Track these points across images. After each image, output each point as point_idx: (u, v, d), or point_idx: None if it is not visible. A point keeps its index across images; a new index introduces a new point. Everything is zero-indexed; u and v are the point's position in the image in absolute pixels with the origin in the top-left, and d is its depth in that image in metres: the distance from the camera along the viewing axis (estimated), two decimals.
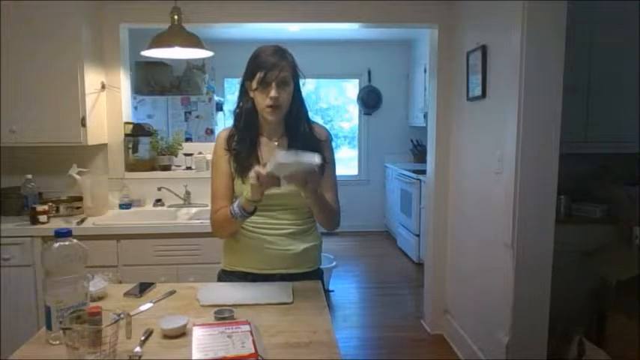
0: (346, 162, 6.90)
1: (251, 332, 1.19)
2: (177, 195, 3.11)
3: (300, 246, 1.64)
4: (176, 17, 2.72)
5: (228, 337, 1.17)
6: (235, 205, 1.51)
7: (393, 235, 6.09)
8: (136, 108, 4.89)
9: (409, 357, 3.09)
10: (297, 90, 1.62)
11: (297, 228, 1.65)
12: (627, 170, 3.02)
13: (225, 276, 1.70)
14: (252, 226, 1.63)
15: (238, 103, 1.65)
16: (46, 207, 2.67)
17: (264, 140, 1.66)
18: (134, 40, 3.31)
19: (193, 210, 2.99)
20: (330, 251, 4.46)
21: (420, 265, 4.73)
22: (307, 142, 1.60)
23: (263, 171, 1.37)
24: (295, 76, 1.59)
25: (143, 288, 1.58)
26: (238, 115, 1.65)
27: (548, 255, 2.30)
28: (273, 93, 1.52)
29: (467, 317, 3.00)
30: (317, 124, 1.72)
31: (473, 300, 2.89)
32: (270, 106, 1.54)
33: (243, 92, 1.62)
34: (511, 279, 2.32)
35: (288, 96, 1.57)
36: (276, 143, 1.64)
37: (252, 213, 1.50)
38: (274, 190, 1.48)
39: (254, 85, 1.55)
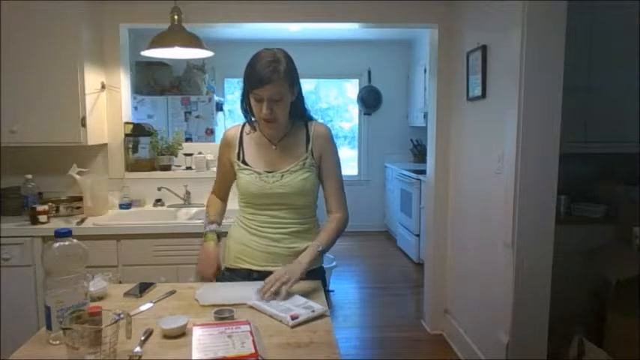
0: (346, 162, 6.89)
1: (251, 332, 1.19)
2: (177, 195, 3.11)
3: (303, 244, 1.65)
4: (176, 17, 2.72)
5: (228, 337, 1.17)
6: (207, 227, 1.75)
7: (393, 235, 6.09)
8: (136, 108, 4.89)
9: (409, 357, 3.09)
10: (298, 94, 1.62)
11: (300, 226, 1.67)
12: (627, 170, 3.02)
13: (229, 273, 1.71)
14: (256, 225, 1.65)
15: (242, 103, 1.65)
16: (46, 207, 2.67)
17: (264, 142, 1.67)
18: (134, 40, 3.32)
19: (193, 210, 2.99)
20: (330, 251, 4.45)
21: (420, 265, 4.73)
22: (306, 143, 1.65)
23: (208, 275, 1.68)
24: (293, 84, 1.58)
25: (143, 288, 1.58)
26: (246, 112, 1.67)
27: (548, 255, 2.30)
28: (264, 110, 1.54)
29: (467, 317, 3.00)
30: (317, 121, 1.72)
31: (473, 300, 2.89)
32: (265, 119, 1.57)
33: (246, 95, 1.61)
34: (511, 279, 2.32)
35: (282, 110, 1.57)
36: (274, 147, 1.66)
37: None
38: (277, 190, 1.59)
39: (250, 96, 1.56)
